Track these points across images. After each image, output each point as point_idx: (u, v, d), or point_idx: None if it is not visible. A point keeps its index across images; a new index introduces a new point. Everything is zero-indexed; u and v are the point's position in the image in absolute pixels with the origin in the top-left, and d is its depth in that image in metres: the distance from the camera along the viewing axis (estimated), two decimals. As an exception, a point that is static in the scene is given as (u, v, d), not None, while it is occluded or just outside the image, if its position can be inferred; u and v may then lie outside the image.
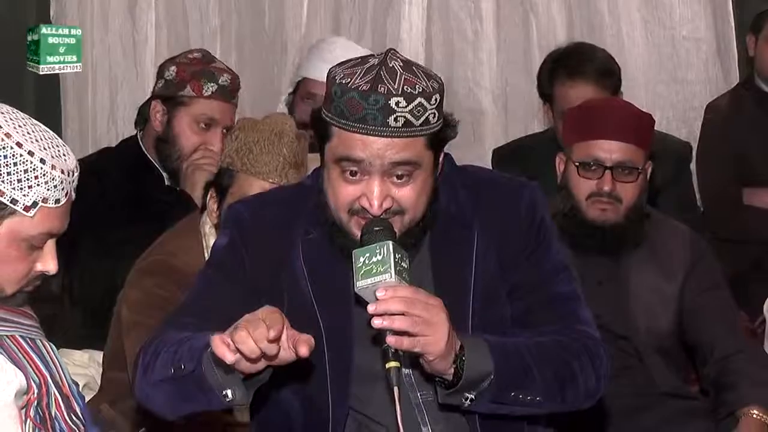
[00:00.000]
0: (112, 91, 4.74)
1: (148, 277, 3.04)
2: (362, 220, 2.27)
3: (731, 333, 3.32)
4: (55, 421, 2.33)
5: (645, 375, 3.28)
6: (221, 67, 3.69)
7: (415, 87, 2.23)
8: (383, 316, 2.13)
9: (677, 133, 4.62)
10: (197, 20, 4.79)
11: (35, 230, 2.27)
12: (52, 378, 2.35)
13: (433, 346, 2.18)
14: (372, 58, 2.29)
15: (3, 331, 2.29)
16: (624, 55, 4.72)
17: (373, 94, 2.21)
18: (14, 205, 2.24)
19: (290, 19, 4.83)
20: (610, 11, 4.84)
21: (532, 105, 4.66)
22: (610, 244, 3.29)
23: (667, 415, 3.29)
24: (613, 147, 3.25)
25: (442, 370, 2.23)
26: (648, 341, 3.29)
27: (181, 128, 3.67)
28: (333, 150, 2.27)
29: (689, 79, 4.83)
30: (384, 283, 2.15)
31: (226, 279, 2.40)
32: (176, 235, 3.16)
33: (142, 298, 3.03)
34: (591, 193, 3.27)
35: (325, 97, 2.29)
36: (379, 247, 2.17)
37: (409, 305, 2.15)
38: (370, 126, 2.22)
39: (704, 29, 4.81)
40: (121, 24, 4.72)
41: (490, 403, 2.28)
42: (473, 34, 4.84)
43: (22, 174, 2.24)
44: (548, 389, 2.32)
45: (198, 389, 2.18)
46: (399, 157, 2.24)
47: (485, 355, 2.25)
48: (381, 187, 2.25)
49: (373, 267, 2.16)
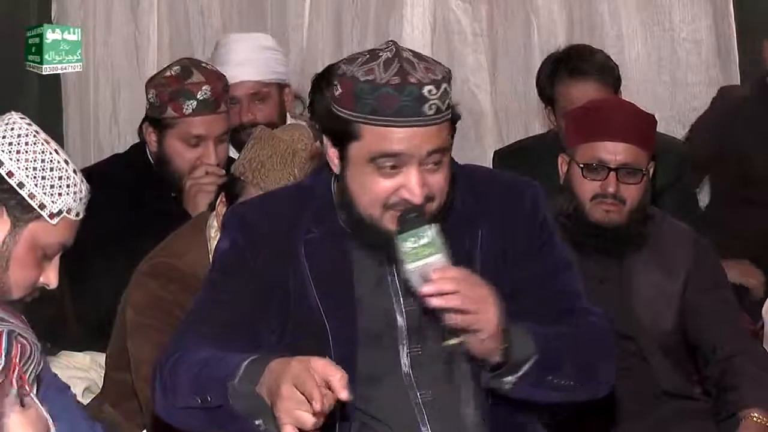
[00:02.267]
0: (114, 91, 4.73)
1: (152, 279, 3.05)
2: (397, 213, 2.29)
3: (733, 333, 3.33)
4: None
5: (648, 375, 3.29)
6: (198, 80, 3.65)
7: (436, 73, 2.27)
8: (438, 296, 2.18)
9: (677, 134, 4.62)
10: (199, 21, 4.78)
11: (54, 239, 2.29)
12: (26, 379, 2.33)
13: (487, 324, 2.23)
14: (380, 51, 2.30)
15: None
16: (624, 57, 4.72)
17: (407, 86, 2.23)
18: (41, 210, 2.25)
19: (292, 20, 4.82)
20: (611, 13, 4.83)
21: (533, 106, 4.66)
22: (614, 245, 3.29)
23: (670, 415, 3.29)
24: (617, 148, 3.25)
25: (491, 350, 2.26)
26: (652, 341, 3.29)
27: (173, 149, 3.67)
28: (365, 148, 2.27)
29: (689, 81, 4.83)
30: (435, 264, 2.20)
31: (234, 282, 2.39)
32: (181, 237, 3.16)
33: (145, 300, 3.04)
34: (595, 194, 3.27)
35: (344, 96, 2.28)
36: (424, 231, 2.22)
37: (462, 284, 2.20)
38: (407, 117, 2.24)
39: (704, 31, 4.81)
40: (123, 25, 4.71)
41: (530, 387, 2.32)
42: (474, 36, 4.83)
43: (56, 180, 2.26)
44: (579, 374, 2.37)
45: (229, 418, 2.19)
46: (434, 146, 2.26)
47: (527, 338, 2.30)
48: (419, 176, 2.27)
49: (420, 250, 2.20)
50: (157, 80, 3.71)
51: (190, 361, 2.26)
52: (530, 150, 4.22)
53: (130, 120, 4.55)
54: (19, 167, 2.23)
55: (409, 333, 2.39)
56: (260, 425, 2.17)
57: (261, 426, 2.16)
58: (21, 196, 2.23)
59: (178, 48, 4.66)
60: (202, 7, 4.78)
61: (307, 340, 2.37)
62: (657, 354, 3.30)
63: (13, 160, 2.23)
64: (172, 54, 4.56)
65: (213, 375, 2.21)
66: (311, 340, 2.37)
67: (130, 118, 4.59)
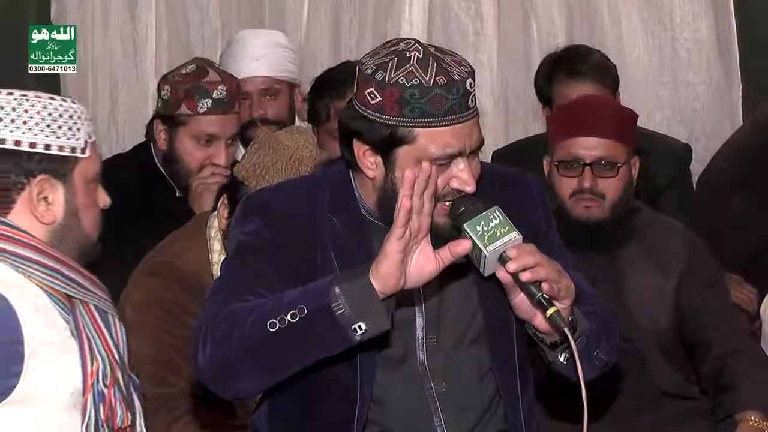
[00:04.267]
0: (113, 91, 4.73)
1: (152, 278, 3.05)
2: (444, 205, 2.32)
3: (729, 331, 3.34)
4: (114, 398, 2.35)
5: (645, 375, 3.29)
6: (214, 79, 3.65)
7: (465, 64, 2.31)
8: (526, 270, 2.22)
9: (678, 134, 4.61)
10: (198, 21, 4.79)
11: (94, 166, 2.37)
12: (118, 356, 2.37)
13: (570, 290, 2.27)
14: (404, 51, 2.30)
15: (80, 295, 2.33)
16: (624, 57, 4.71)
17: (454, 84, 2.25)
18: (74, 153, 2.32)
19: (290, 20, 4.82)
20: (611, 13, 4.83)
21: (533, 106, 4.65)
22: (599, 241, 3.30)
23: (668, 415, 3.30)
24: (591, 143, 3.27)
25: (566, 317, 2.27)
26: (648, 340, 3.29)
27: (183, 147, 3.67)
28: (421, 151, 2.28)
29: (690, 81, 4.82)
30: (513, 242, 2.25)
31: (260, 260, 2.36)
32: (181, 236, 3.16)
33: (146, 299, 3.04)
34: (573, 191, 3.29)
35: (388, 103, 2.27)
36: (491, 213, 2.27)
37: (540, 257, 2.25)
38: (458, 114, 2.27)
39: (705, 30, 4.79)
40: (121, 24, 4.71)
41: (583, 361, 2.30)
42: (474, 36, 4.83)
43: (69, 121, 2.32)
44: (609, 349, 2.42)
45: (312, 335, 2.20)
46: (479, 137, 2.32)
47: (579, 313, 2.33)
48: (470, 166, 2.31)
49: (495, 231, 2.25)
50: (172, 77, 3.70)
51: (247, 307, 2.23)
52: (529, 150, 4.21)
53: (129, 119, 4.55)
54: (35, 134, 2.29)
55: (426, 322, 2.40)
56: (361, 328, 2.18)
57: (359, 331, 2.18)
58: (54, 155, 2.30)
59: (176, 48, 4.66)
60: (200, 7, 4.78)
61: None
62: (654, 354, 3.30)
63: (25, 131, 2.29)
64: (171, 54, 4.56)
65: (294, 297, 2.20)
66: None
67: (128, 117, 4.59)
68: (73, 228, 2.35)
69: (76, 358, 2.30)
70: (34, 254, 2.28)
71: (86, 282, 2.35)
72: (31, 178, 2.30)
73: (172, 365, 3.00)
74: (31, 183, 2.30)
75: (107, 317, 2.39)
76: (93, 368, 2.30)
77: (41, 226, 2.32)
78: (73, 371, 2.30)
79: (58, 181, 2.31)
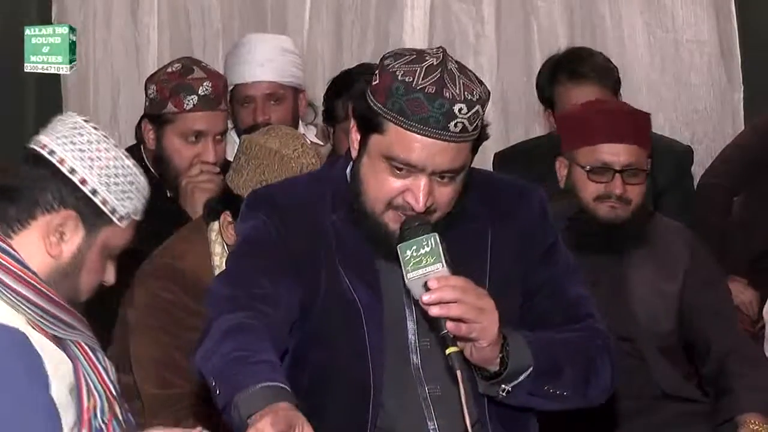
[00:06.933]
0: (114, 92, 4.73)
1: (154, 280, 3.05)
2: (400, 215, 2.31)
3: (728, 331, 3.34)
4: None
5: (646, 377, 3.29)
6: (200, 76, 3.63)
7: (473, 93, 2.27)
8: (439, 305, 2.19)
9: (680, 136, 4.62)
10: (199, 22, 4.79)
11: (122, 241, 2.33)
12: (115, 391, 2.35)
13: (487, 332, 2.24)
14: (427, 56, 2.30)
15: (71, 335, 2.29)
16: (626, 59, 4.72)
17: (439, 98, 2.23)
18: (113, 215, 2.28)
19: (292, 22, 4.82)
20: (612, 15, 4.83)
21: (533, 108, 4.65)
22: (618, 242, 3.31)
23: (669, 417, 3.30)
24: (619, 150, 3.28)
25: (491, 358, 2.28)
26: (650, 342, 3.30)
27: (172, 146, 3.65)
28: (386, 146, 2.29)
29: (692, 82, 4.82)
30: (435, 273, 2.21)
31: (266, 253, 2.36)
32: (183, 238, 3.16)
33: (147, 301, 3.04)
34: (600, 194, 3.29)
35: (380, 88, 2.29)
36: (426, 239, 2.23)
37: (463, 293, 2.21)
38: (432, 128, 2.25)
39: (707, 32, 4.80)
40: (122, 25, 4.71)
41: (526, 395, 2.33)
42: (475, 38, 4.83)
43: (127, 185, 2.29)
44: (576, 384, 2.39)
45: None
46: (449, 165, 2.28)
47: (525, 348, 2.31)
48: (429, 187, 2.29)
49: (422, 258, 2.22)
50: (158, 76, 3.70)
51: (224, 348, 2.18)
52: (531, 152, 4.22)
53: (130, 121, 4.53)
54: (92, 174, 2.25)
55: (418, 326, 2.40)
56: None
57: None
58: (95, 203, 2.26)
59: (178, 49, 4.66)
60: (202, 8, 4.78)
61: (338, 316, 2.38)
62: (655, 355, 3.31)
63: (86, 167, 2.25)
64: (172, 55, 4.55)
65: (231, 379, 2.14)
66: (342, 317, 2.38)
67: (130, 118, 4.58)
68: (71, 277, 2.29)
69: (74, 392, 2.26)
70: (26, 291, 2.22)
71: (74, 321, 2.30)
72: (62, 208, 2.25)
73: (174, 367, 3.00)
74: (59, 212, 2.25)
75: (97, 353, 2.35)
76: (90, 404, 2.27)
77: (45, 258, 2.26)
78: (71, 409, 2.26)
79: (83, 228, 2.27)
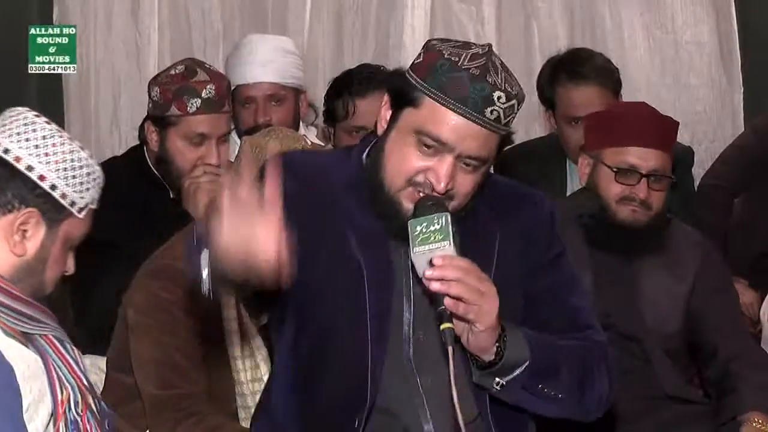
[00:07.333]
0: (115, 93, 4.74)
1: (155, 280, 3.04)
2: (417, 194, 2.31)
3: (735, 335, 3.35)
4: (88, 424, 2.33)
5: (651, 377, 3.30)
6: (203, 79, 3.63)
7: (513, 88, 2.30)
8: (440, 281, 2.19)
9: (680, 137, 4.57)
10: (200, 23, 4.79)
11: (82, 231, 2.35)
12: (87, 382, 2.36)
13: (485, 316, 2.24)
14: (473, 46, 2.33)
15: (38, 330, 2.30)
16: (626, 60, 4.72)
17: (482, 81, 2.25)
18: (72, 207, 2.30)
19: (293, 22, 4.83)
20: (612, 16, 4.84)
21: (533, 109, 4.65)
22: (632, 246, 3.31)
23: (672, 418, 3.30)
24: (648, 155, 3.29)
25: (487, 345, 2.28)
26: (656, 343, 3.30)
27: (175, 148, 3.65)
28: (420, 120, 2.29)
29: (692, 84, 4.83)
30: (442, 250, 2.21)
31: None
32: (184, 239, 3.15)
33: (148, 301, 3.04)
34: (623, 196, 3.29)
35: (422, 65, 2.31)
36: (438, 217, 2.23)
37: (465, 274, 2.21)
38: (469, 109, 2.26)
39: (707, 33, 4.81)
40: (123, 26, 4.72)
41: (519, 390, 2.33)
42: (475, 38, 4.82)
43: (85, 177, 2.31)
44: (571, 388, 2.39)
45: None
46: (477, 150, 2.29)
47: (523, 342, 2.32)
48: (452, 170, 2.29)
49: (431, 235, 2.23)
50: (161, 78, 3.70)
51: None
52: (530, 153, 4.23)
53: (131, 122, 4.55)
54: (50, 170, 2.26)
55: (414, 318, 2.41)
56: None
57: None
58: (55, 198, 2.27)
59: (178, 50, 4.66)
60: (202, 9, 4.79)
61: (341, 276, 2.39)
62: (660, 356, 3.31)
63: (43, 163, 2.27)
64: (173, 56, 4.56)
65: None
66: (345, 278, 2.38)
67: (130, 120, 4.59)
68: (36, 273, 2.30)
69: (46, 387, 2.27)
70: None
71: (40, 315, 2.31)
72: (22, 206, 2.26)
73: (174, 367, 3.00)
74: (20, 210, 2.26)
75: (65, 345, 2.36)
76: (63, 396, 2.27)
77: (9, 257, 2.27)
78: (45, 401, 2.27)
79: (44, 223, 2.28)
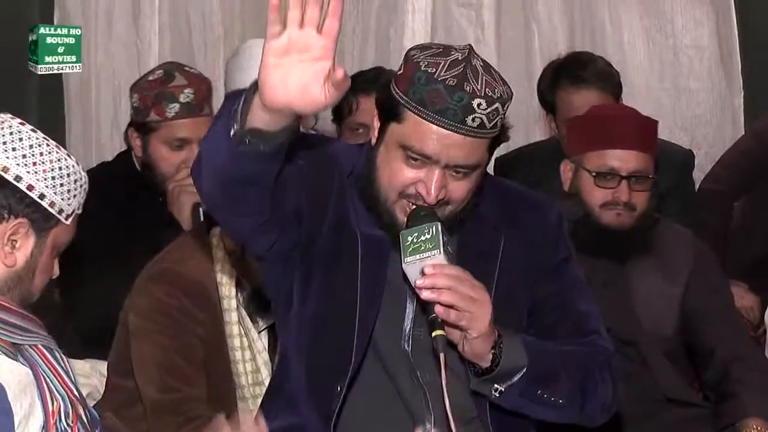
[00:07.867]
0: (116, 97, 4.74)
1: (156, 284, 3.05)
2: (410, 205, 2.33)
3: (732, 337, 3.35)
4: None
5: (649, 381, 3.29)
6: (181, 83, 3.64)
7: (495, 91, 2.29)
8: (431, 290, 2.21)
9: (680, 141, 4.61)
10: (200, 27, 4.79)
11: (67, 238, 2.34)
12: (77, 392, 2.35)
13: (477, 323, 2.26)
14: (453, 51, 2.32)
15: (29, 340, 2.29)
16: (626, 64, 4.72)
17: (458, 90, 2.25)
18: (60, 215, 2.30)
19: (293, 26, 4.81)
20: (612, 20, 4.83)
21: (534, 113, 4.66)
22: (621, 249, 3.31)
23: (671, 422, 3.30)
24: (628, 156, 3.27)
25: (482, 352, 2.29)
26: (653, 346, 3.30)
27: (157, 153, 3.67)
28: (404, 135, 2.30)
29: (692, 88, 4.83)
30: (432, 260, 2.23)
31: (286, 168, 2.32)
32: (185, 243, 3.16)
33: (149, 305, 3.04)
34: (606, 201, 3.28)
35: (403, 77, 2.31)
36: (428, 227, 2.25)
37: (456, 282, 2.23)
38: (449, 121, 2.26)
39: (707, 37, 4.81)
40: (124, 30, 4.72)
41: (518, 397, 2.34)
42: (475, 43, 4.82)
43: (72, 184, 2.30)
44: (572, 394, 2.39)
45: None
46: (463, 159, 2.30)
47: (520, 348, 2.32)
48: (442, 180, 2.30)
49: (421, 245, 2.25)
50: (140, 84, 3.71)
51: None
52: (531, 157, 4.23)
53: (132, 126, 4.54)
54: (38, 179, 2.26)
55: (416, 315, 2.42)
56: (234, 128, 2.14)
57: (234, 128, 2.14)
58: (43, 207, 2.27)
59: (179, 54, 4.66)
60: (203, 13, 4.78)
61: (339, 245, 2.39)
62: (658, 359, 3.31)
63: (31, 172, 2.26)
64: (174, 59, 4.54)
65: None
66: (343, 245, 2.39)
67: (131, 124, 4.58)
68: (25, 282, 2.30)
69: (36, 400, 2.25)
70: None
71: (30, 325, 2.30)
72: (12, 217, 2.25)
73: (176, 371, 3.01)
74: (9, 221, 2.25)
75: (55, 354, 2.35)
76: (54, 408, 2.26)
77: (0, 268, 2.27)
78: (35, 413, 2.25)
79: (34, 233, 2.28)
